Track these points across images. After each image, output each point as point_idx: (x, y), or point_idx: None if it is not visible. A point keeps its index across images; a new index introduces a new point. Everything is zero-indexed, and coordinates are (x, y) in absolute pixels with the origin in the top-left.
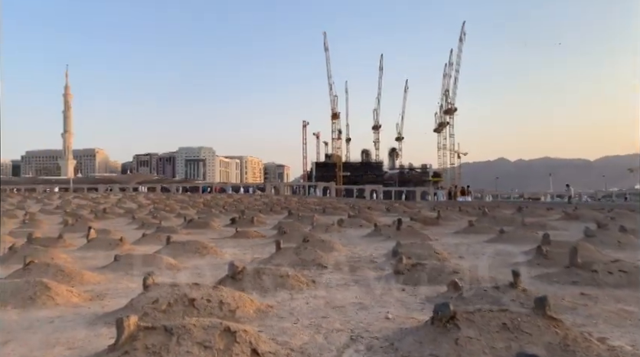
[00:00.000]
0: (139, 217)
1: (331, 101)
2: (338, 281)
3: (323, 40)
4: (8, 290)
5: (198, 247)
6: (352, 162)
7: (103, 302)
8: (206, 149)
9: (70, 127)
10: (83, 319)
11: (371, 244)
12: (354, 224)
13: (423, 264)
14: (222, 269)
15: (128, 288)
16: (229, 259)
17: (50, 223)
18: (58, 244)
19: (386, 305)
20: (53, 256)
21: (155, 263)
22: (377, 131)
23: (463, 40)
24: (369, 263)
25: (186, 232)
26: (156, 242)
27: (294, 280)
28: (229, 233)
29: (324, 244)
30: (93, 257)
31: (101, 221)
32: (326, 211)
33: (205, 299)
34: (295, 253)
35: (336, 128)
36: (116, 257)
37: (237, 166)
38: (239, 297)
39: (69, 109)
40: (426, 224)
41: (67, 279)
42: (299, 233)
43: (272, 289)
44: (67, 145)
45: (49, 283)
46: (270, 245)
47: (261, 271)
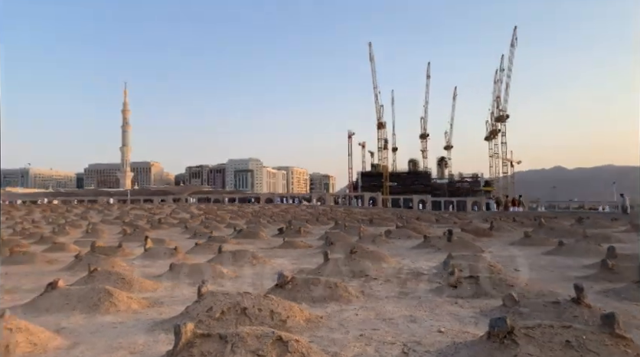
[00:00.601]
0: (192, 227)
1: (377, 111)
2: (388, 293)
3: (368, 51)
4: (75, 296)
5: (248, 256)
6: (399, 172)
7: (161, 309)
8: (254, 161)
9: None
10: (143, 325)
11: (421, 255)
12: (402, 235)
13: (477, 277)
14: (271, 278)
15: (183, 296)
16: (277, 269)
17: (110, 232)
18: (118, 252)
19: (439, 318)
20: (114, 264)
21: (208, 271)
22: (425, 140)
23: (515, 45)
24: (419, 276)
25: (236, 242)
26: (208, 251)
27: (343, 290)
28: (277, 243)
29: (372, 255)
30: (149, 266)
31: (156, 231)
32: (373, 222)
33: (256, 308)
34: (343, 264)
35: (382, 137)
36: (172, 266)
37: (284, 177)
38: (289, 307)
39: (127, 125)
40: (479, 235)
41: (127, 286)
42: (346, 243)
43: (321, 300)
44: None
45: (111, 290)
46: (318, 255)
47: (310, 281)
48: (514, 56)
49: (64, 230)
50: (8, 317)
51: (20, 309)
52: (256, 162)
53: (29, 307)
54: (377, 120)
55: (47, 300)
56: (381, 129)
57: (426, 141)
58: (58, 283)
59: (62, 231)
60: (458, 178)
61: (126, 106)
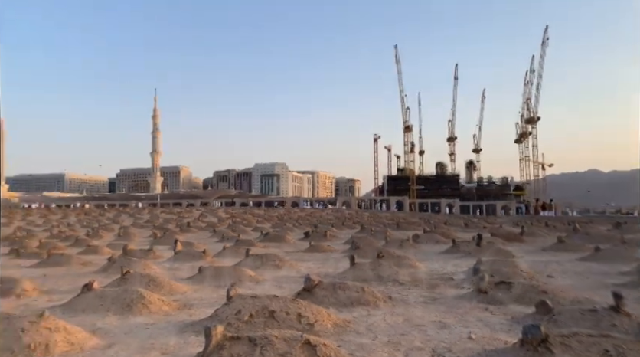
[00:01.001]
0: (219, 231)
1: (403, 114)
2: (416, 298)
3: (394, 53)
4: (109, 298)
5: (275, 260)
6: (426, 176)
7: (190, 311)
8: (279, 165)
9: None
10: (174, 327)
11: (449, 260)
12: (430, 240)
13: (508, 283)
14: (298, 282)
15: (211, 298)
16: (304, 272)
17: (141, 236)
18: (149, 255)
19: (469, 324)
20: (145, 267)
21: (236, 275)
22: (453, 143)
23: (546, 44)
24: (448, 281)
25: (263, 245)
26: (236, 255)
27: (370, 295)
28: (303, 246)
29: (399, 260)
30: (179, 268)
31: (185, 234)
32: (399, 226)
33: (284, 312)
34: (370, 269)
35: (409, 141)
36: (200, 269)
37: (309, 181)
38: (316, 311)
39: (157, 131)
40: (509, 240)
41: (158, 288)
42: (373, 248)
43: (348, 304)
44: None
45: (143, 292)
46: (344, 260)
47: (337, 286)
48: (545, 56)
49: (98, 234)
50: (47, 317)
51: (58, 309)
52: (281, 166)
53: (66, 308)
54: (404, 123)
55: (83, 301)
56: (408, 132)
57: (454, 144)
58: (93, 284)
59: (96, 234)
60: (487, 181)
61: (156, 112)
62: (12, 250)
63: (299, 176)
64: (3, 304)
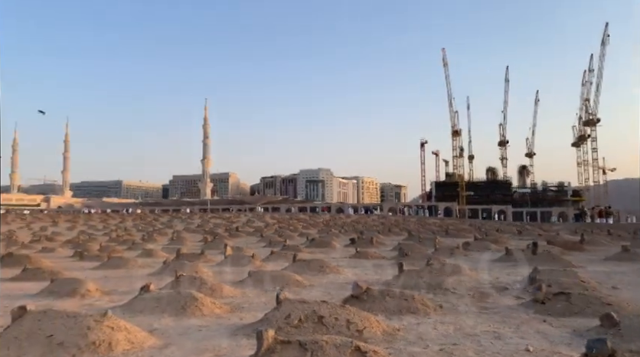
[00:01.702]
0: (266, 236)
1: (452, 118)
2: (468, 307)
3: (442, 56)
4: (164, 300)
5: (322, 265)
6: (476, 181)
7: (241, 314)
8: (324, 171)
9: (208, 154)
10: (226, 330)
11: (503, 269)
12: (482, 248)
13: (568, 293)
14: (345, 288)
15: (261, 302)
16: (351, 278)
17: (193, 240)
18: (201, 259)
19: (526, 336)
20: (197, 270)
21: (284, 279)
22: (504, 147)
23: (606, 42)
24: (502, 290)
25: (309, 251)
26: (283, 260)
27: (420, 303)
28: (349, 253)
29: (449, 268)
30: (229, 272)
31: (234, 239)
32: (449, 233)
33: (333, 318)
34: (418, 276)
35: (457, 145)
36: (250, 273)
37: (354, 186)
38: (365, 318)
39: (207, 138)
40: (567, 248)
41: (210, 291)
42: (421, 255)
43: (397, 312)
44: (206, 170)
45: (196, 295)
46: (391, 267)
47: (385, 293)
48: (605, 55)
49: (153, 238)
50: (110, 317)
51: (119, 309)
52: (326, 171)
53: (126, 308)
54: (452, 128)
55: (141, 302)
56: (456, 136)
57: (506, 148)
58: (150, 287)
59: (151, 238)
60: (541, 187)
61: (207, 120)
62: (76, 252)
63: (344, 182)
64: (69, 303)
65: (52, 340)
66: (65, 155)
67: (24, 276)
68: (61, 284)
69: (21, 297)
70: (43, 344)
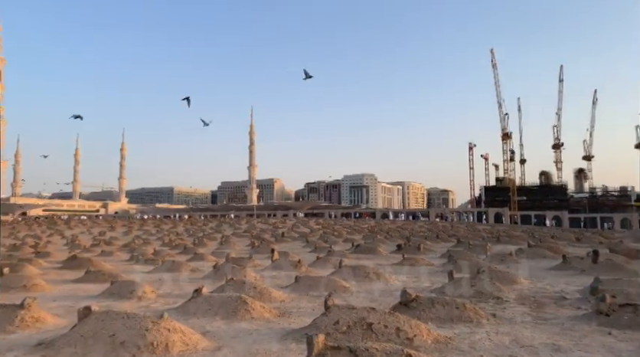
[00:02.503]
0: (312, 241)
1: (501, 120)
2: (523, 317)
3: (490, 58)
4: (216, 303)
5: (368, 272)
6: (528, 186)
7: (290, 319)
8: (368, 176)
9: (254, 160)
10: (275, 334)
11: (560, 277)
12: (536, 255)
13: (635, 305)
14: (393, 295)
15: (308, 307)
16: (398, 285)
17: (241, 244)
18: (249, 263)
19: (589, 349)
20: (246, 274)
21: (331, 285)
22: (559, 150)
23: None
24: (560, 300)
25: (354, 257)
26: (329, 265)
27: (472, 312)
28: (396, 259)
29: (502, 276)
30: (276, 277)
31: (280, 244)
32: (500, 240)
33: (382, 325)
34: (469, 284)
35: (508, 149)
36: (297, 278)
37: (399, 192)
38: (415, 325)
39: (253, 145)
40: (632, 257)
41: (259, 295)
42: (472, 262)
43: (448, 321)
44: (252, 176)
45: (246, 299)
46: (440, 274)
47: (435, 301)
48: None
49: (203, 242)
50: (166, 319)
51: (173, 311)
52: (370, 177)
53: (180, 311)
54: (502, 130)
55: (194, 305)
56: (506, 139)
57: (560, 151)
58: (202, 290)
59: (201, 243)
60: (601, 191)
61: (252, 128)
62: (132, 256)
63: (389, 187)
64: (128, 305)
65: (114, 339)
66: (121, 163)
67: (87, 278)
68: (120, 286)
69: (84, 298)
70: (106, 343)
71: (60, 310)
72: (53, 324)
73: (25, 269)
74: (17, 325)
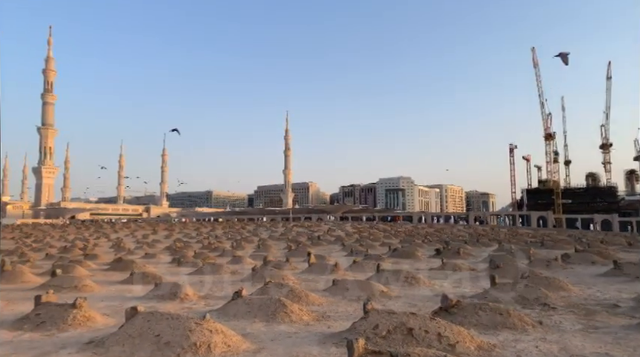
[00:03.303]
0: (348, 245)
1: (544, 120)
2: (572, 325)
3: (532, 56)
4: (255, 305)
5: (407, 276)
6: (574, 188)
7: (328, 322)
8: (404, 179)
9: (289, 164)
10: (314, 337)
11: (611, 284)
12: (584, 260)
13: None
14: (433, 300)
15: (346, 311)
16: (438, 290)
17: (277, 248)
18: (286, 266)
19: None
20: (283, 277)
21: (368, 289)
22: (607, 150)
23: None
24: (611, 308)
25: (392, 261)
26: (366, 269)
27: (517, 319)
28: (435, 264)
29: (547, 282)
30: (313, 280)
31: (316, 247)
32: (544, 244)
33: (423, 330)
34: (513, 290)
35: (551, 150)
36: (334, 282)
37: (437, 195)
38: (457, 332)
39: (288, 149)
40: None
41: (296, 298)
42: (514, 268)
43: (491, 327)
44: (288, 180)
45: (285, 302)
46: (482, 279)
47: (477, 306)
48: None
49: (241, 245)
50: (208, 320)
51: (215, 313)
52: (407, 180)
53: (221, 312)
54: (545, 131)
55: (234, 307)
56: (550, 140)
57: (609, 152)
58: (242, 292)
59: (239, 246)
60: None
61: (287, 132)
62: (174, 259)
63: (426, 190)
64: (171, 306)
65: (160, 339)
66: (162, 168)
67: (132, 279)
68: (163, 288)
69: (130, 299)
70: (152, 342)
71: (108, 310)
72: (102, 323)
73: (75, 270)
74: (69, 324)
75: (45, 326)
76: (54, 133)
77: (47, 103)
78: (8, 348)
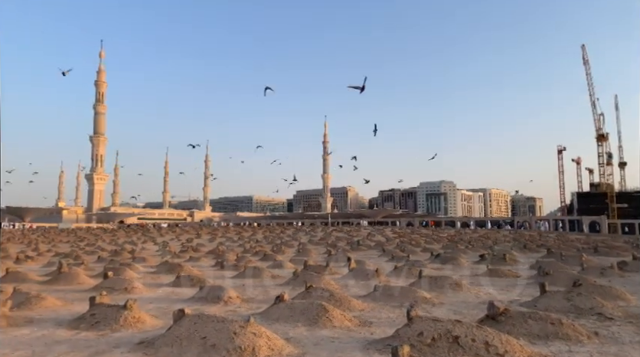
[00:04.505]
0: (388, 250)
1: (595, 121)
2: (632, 337)
3: (582, 54)
4: (297, 309)
5: (450, 282)
6: (630, 191)
7: (370, 329)
8: (446, 183)
9: (327, 169)
10: (357, 343)
11: None
12: None
13: None
14: (478, 308)
15: (389, 318)
16: (483, 298)
17: (317, 252)
18: (326, 271)
19: None
20: (324, 282)
21: (411, 296)
22: None
23: None
24: None
25: (434, 267)
26: (408, 275)
27: (570, 329)
28: (479, 270)
29: (602, 290)
30: (353, 285)
31: (356, 252)
32: (598, 251)
33: (470, 338)
34: (565, 299)
35: (604, 151)
36: (376, 287)
37: (480, 199)
38: (506, 341)
39: (327, 154)
40: None
41: (338, 304)
42: (566, 275)
43: (542, 337)
44: (326, 185)
45: (327, 307)
46: (530, 287)
47: (527, 315)
48: None
49: (281, 250)
50: (252, 323)
51: (258, 316)
52: (448, 184)
53: (264, 316)
54: (596, 132)
55: (277, 311)
56: (602, 141)
57: None
58: (284, 296)
59: (279, 250)
60: None
61: (326, 137)
62: (217, 262)
63: (469, 195)
64: (215, 309)
65: (206, 342)
66: (205, 173)
67: (178, 282)
68: (208, 291)
69: (177, 301)
70: (199, 344)
71: (156, 312)
72: (151, 324)
73: (125, 273)
74: (121, 324)
75: (99, 326)
76: (105, 141)
77: (99, 112)
78: (67, 346)
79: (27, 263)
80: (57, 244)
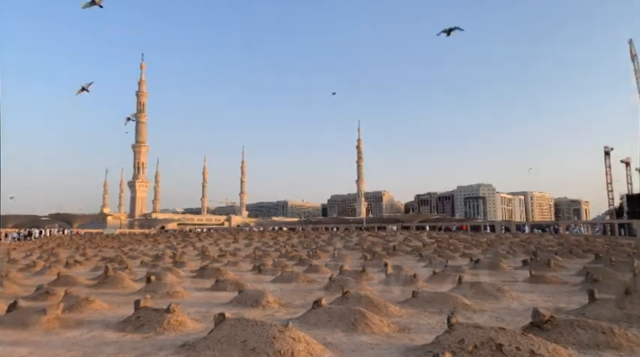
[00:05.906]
0: (426, 255)
1: None
2: None
3: (629, 48)
4: (335, 314)
5: (492, 289)
6: None
7: (410, 335)
8: (485, 186)
9: (361, 174)
10: (397, 349)
11: None
12: None
13: None
14: (522, 315)
15: (428, 324)
16: (527, 305)
17: (353, 257)
18: (362, 276)
19: None
20: (361, 287)
21: (450, 302)
22: None
23: None
24: None
25: (474, 272)
26: (447, 281)
27: (623, 338)
28: (521, 276)
29: None
30: (390, 291)
31: (392, 258)
32: None
33: (514, 347)
34: (617, 307)
35: None
36: (414, 293)
37: (521, 203)
38: (553, 350)
39: (361, 159)
40: None
41: (376, 309)
42: (616, 282)
43: (592, 346)
44: (360, 190)
45: (365, 312)
46: (577, 294)
47: (575, 323)
48: None
49: (316, 254)
50: (291, 328)
51: (296, 321)
52: (487, 187)
53: (302, 320)
54: None
55: (315, 316)
56: None
57: None
58: (322, 301)
59: (315, 255)
60: None
61: (360, 141)
62: (254, 267)
63: (509, 198)
64: (254, 313)
65: (246, 345)
66: (242, 179)
67: (217, 286)
68: (246, 295)
69: (216, 305)
70: (239, 348)
71: (197, 315)
72: (193, 328)
73: (167, 277)
74: (165, 327)
75: (144, 329)
76: (147, 150)
77: (140, 122)
78: (115, 347)
79: (76, 267)
80: (102, 249)
